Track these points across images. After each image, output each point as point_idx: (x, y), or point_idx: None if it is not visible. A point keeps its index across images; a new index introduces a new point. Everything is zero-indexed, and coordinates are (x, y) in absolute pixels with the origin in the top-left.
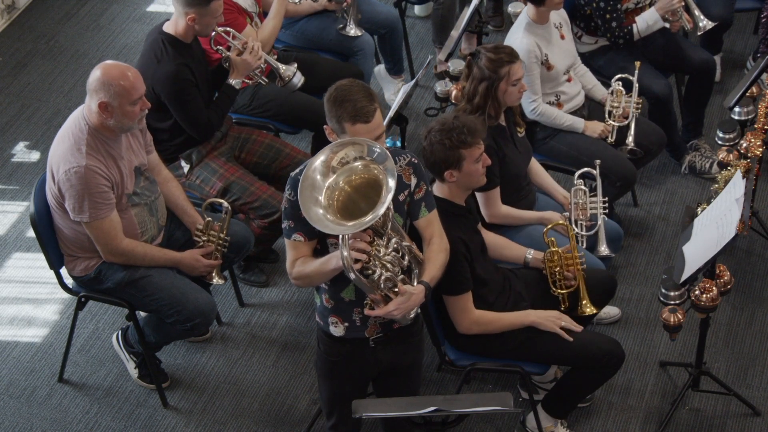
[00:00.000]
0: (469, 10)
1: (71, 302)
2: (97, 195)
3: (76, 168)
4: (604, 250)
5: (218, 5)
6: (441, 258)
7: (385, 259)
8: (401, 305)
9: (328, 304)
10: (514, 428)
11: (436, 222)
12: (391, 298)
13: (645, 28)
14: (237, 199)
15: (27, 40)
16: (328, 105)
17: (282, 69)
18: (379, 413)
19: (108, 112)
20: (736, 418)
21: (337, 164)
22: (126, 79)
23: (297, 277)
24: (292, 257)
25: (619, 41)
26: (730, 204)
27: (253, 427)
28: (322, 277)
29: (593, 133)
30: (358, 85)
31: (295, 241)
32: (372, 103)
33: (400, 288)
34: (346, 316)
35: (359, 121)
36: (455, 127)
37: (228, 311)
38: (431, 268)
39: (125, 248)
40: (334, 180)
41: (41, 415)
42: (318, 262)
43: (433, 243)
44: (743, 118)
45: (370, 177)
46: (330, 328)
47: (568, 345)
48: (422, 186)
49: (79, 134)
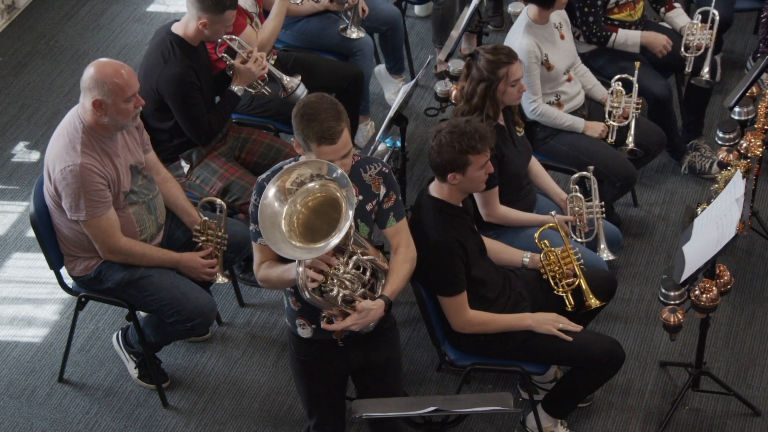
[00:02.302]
0: (469, 10)
1: (71, 302)
2: (93, 193)
3: (72, 166)
4: (605, 255)
5: (231, 14)
6: (405, 269)
7: (344, 277)
8: (359, 321)
9: (295, 307)
10: (514, 428)
11: (404, 231)
12: (349, 313)
13: (622, 43)
14: (237, 199)
15: (27, 40)
16: (295, 121)
17: (286, 80)
18: (379, 413)
19: (102, 109)
20: (736, 418)
21: (292, 185)
22: (120, 76)
23: (262, 279)
24: (259, 260)
25: (593, 39)
26: (730, 204)
27: (253, 427)
28: (284, 284)
29: (593, 133)
30: (327, 103)
31: (261, 245)
32: (339, 124)
33: (358, 305)
34: (312, 318)
35: (324, 143)
36: (467, 131)
37: (228, 311)
38: (394, 280)
39: (123, 247)
40: (290, 204)
41: (41, 415)
42: (280, 270)
43: (399, 253)
44: (743, 118)
45: (327, 195)
46: (298, 330)
47: (568, 345)
48: (392, 195)
49: (74, 133)
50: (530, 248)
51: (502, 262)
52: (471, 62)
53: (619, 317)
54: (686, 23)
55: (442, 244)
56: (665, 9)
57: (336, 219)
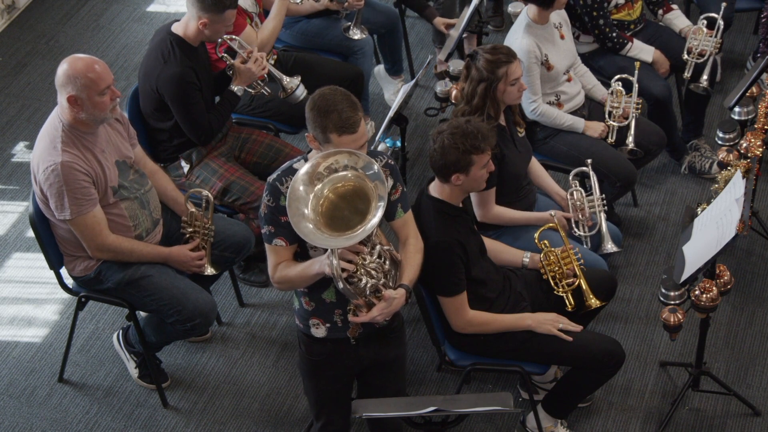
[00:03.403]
0: (469, 10)
1: (71, 302)
2: (76, 191)
3: (53, 166)
4: (610, 248)
5: (231, 14)
6: (417, 259)
7: (369, 267)
8: (384, 310)
9: (309, 307)
10: (514, 428)
11: (411, 222)
12: (374, 304)
13: (635, 54)
14: (237, 199)
15: (27, 40)
16: (311, 114)
17: (285, 81)
18: (379, 413)
19: (78, 105)
20: (736, 418)
21: (325, 170)
22: (92, 70)
23: (280, 281)
24: (274, 261)
25: (606, 43)
26: (730, 204)
27: (253, 427)
28: (304, 282)
29: (594, 133)
30: (341, 94)
31: (277, 246)
32: (356, 113)
33: (384, 294)
34: (327, 317)
35: (346, 132)
36: (469, 132)
37: (228, 311)
38: (410, 271)
39: (111, 244)
40: (320, 188)
41: (41, 415)
42: (301, 267)
43: (409, 244)
44: (743, 118)
45: (358, 185)
46: (311, 330)
47: (568, 345)
48: (398, 187)
49: (53, 132)
50: (530, 248)
51: (502, 262)
52: (470, 63)
53: (619, 317)
54: (686, 25)
55: (442, 245)
56: (663, 11)
57: (361, 209)
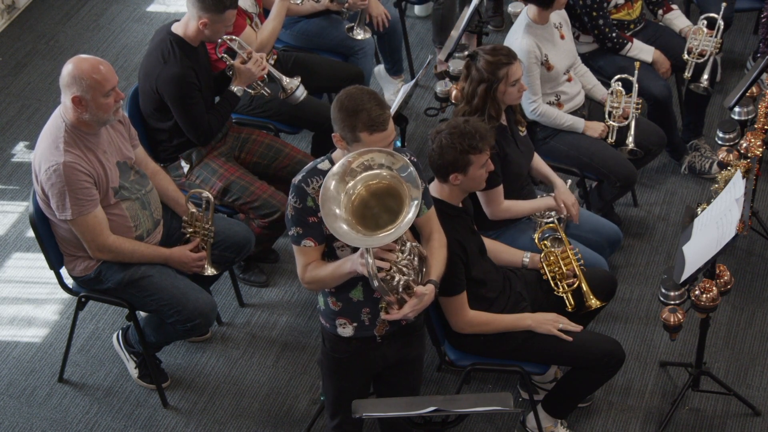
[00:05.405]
0: (469, 10)
1: (71, 302)
2: (78, 191)
3: (55, 166)
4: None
5: (231, 14)
6: (443, 254)
7: (401, 264)
8: (415, 307)
9: (335, 307)
10: (514, 428)
11: (434, 218)
12: (405, 300)
13: (635, 54)
14: (237, 198)
15: (27, 40)
16: (340, 114)
17: (285, 81)
18: (379, 413)
19: (82, 106)
20: (736, 418)
21: (358, 167)
22: (97, 71)
23: (310, 281)
24: (304, 262)
25: (606, 43)
26: (730, 204)
27: (253, 427)
28: (336, 281)
29: (593, 133)
30: (368, 93)
31: (305, 246)
32: (385, 110)
33: (415, 290)
34: (354, 316)
35: (377, 130)
36: (467, 131)
37: (228, 311)
38: (436, 266)
39: (112, 244)
40: (352, 185)
41: (41, 415)
42: (332, 267)
43: (434, 239)
44: (743, 118)
45: (391, 184)
46: (338, 330)
47: (568, 345)
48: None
49: (56, 132)
50: (530, 249)
51: (502, 262)
52: (470, 63)
53: (619, 317)
54: (686, 25)
55: None
56: (663, 11)
57: (392, 207)
